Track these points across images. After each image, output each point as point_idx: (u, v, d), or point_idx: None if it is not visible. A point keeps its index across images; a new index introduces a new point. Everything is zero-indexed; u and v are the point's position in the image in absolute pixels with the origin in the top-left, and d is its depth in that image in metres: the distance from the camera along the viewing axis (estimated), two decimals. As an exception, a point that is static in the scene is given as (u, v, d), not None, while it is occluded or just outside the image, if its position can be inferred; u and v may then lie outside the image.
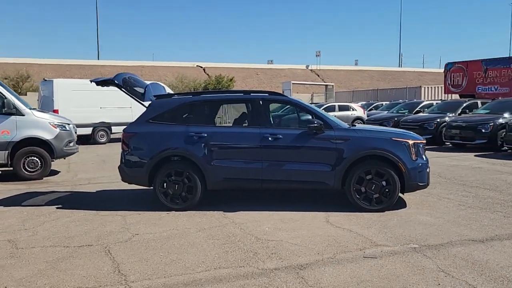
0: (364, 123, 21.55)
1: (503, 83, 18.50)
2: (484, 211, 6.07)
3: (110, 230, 5.49)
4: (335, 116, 22.23)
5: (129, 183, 6.90)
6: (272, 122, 6.56)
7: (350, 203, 6.24)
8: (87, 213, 6.38)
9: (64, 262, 4.40)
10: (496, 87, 18.78)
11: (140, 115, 6.72)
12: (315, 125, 6.14)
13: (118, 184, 8.49)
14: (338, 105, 24.05)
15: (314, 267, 4.12)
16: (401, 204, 6.44)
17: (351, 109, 23.98)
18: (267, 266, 4.16)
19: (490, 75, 18.98)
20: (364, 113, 23.86)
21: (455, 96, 21.54)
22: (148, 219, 5.96)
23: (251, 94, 6.70)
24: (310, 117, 6.43)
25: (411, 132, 6.81)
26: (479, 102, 16.40)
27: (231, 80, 40.93)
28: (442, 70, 22.77)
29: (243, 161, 6.33)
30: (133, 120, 6.80)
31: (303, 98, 37.55)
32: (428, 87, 31.93)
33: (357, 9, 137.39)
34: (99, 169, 11.03)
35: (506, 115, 13.52)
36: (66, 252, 4.70)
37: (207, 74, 53.96)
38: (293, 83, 37.62)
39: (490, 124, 13.07)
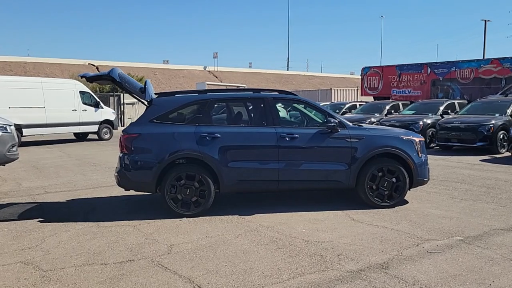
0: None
1: (415, 86, 20.37)
2: (478, 202, 6.58)
3: (136, 242, 4.90)
4: None
5: (129, 190, 6.24)
6: (286, 122, 6.42)
7: (355, 201, 6.36)
8: (84, 225, 5.63)
9: (123, 281, 3.82)
10: (409, 90, 20.61)
11: (142, 115, 6.11)
12: (333, 124, 6.15)
13: (83, 192, 7.80)
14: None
15: (395, 265, 4.10)
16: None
17: None
18: (350, 268, 4.04)
19: (404, 79, 20.78)
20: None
21: (371, 98, 23.16)
22: (166, 228, 5.43)
23: (261, 92, 6.49)
24: (323, 116, 6.41)
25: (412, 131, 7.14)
26: (400, 103, 17.84)
27: (140, 80, 39.09)
28: (325, 74, 24.22)
29: (259, 162, 6.09)
30: (134, 121, 6.17)
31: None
32: (338, 90, 33.88)
33: (249, 12, 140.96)
34: (41, 176, 9.79)
35: (431, 115, 14.89)
36: (111, 270, 4.08)
37: (101, 73, 50.74)
38: (207, 84, 37.24)
39: (420, 123, 14.27)
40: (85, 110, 18.69)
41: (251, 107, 6.41)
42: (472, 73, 17.77)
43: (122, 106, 32.90)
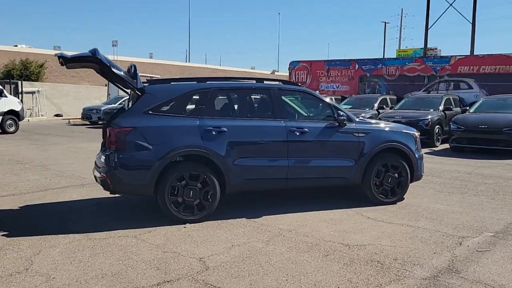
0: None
1: (343, 82, 20.98)
2: (467, 195, 6.69)
3: (155, 257, 4.09)
4: None
5: (121, 193, 5.29)
6: (293, 115, 5.91)
7: (352, 197, 6.15)
8: (71, 238, 4.63)
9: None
10: (337, 85, 21.17)
11: (134, 105, 5.20)
12: (342, 118, 5.80)
13: (33, 196, 6.66)
14: None
15: (462, 267, 3.86)
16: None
17: None
18: (422, 275, 3.70)
19: (332, 74, 21.30)
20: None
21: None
22: (176, 237, 4.66)
23: (265, 82, 5.91)
24: (329, 109, 6.03)
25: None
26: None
27: (41, 66, 35.25)
28: (227, 68, 24.00)
29: (267, 158, 5.54)
30: (124, 112, 5.22)
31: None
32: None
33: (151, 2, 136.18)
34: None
35: (367, 109, 15.36)
36: (155, 297, 3.30)
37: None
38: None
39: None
40: (-16, 99, 16.29)
41: (257, 98, 5.82)
42: (398, 71, 18.75)
43: (20, 95, 29.28)
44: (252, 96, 5.85)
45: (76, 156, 10.97)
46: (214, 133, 5.24)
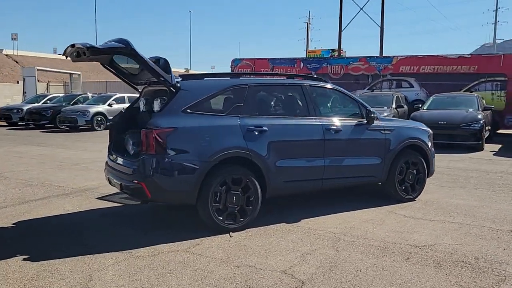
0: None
1: (288, 80, 21.13)
2: (468, 189, 6.94)
3: (234, 273, 3.61)
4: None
5: (159, 202, 4.68)
6: (326, 112, 5.65)
7: (369, 196, 6.11)
8: (114, 258, 3.97)
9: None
10: (282, 83, 21.27)
11: (171, 103, 4.60)
12: (373, 115, 5.69)
13: (17, 209, 5.80)
14: (128, 97, 22.12)
15: (545, 262, 3.91)
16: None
17: None
18: (518, 272, 3.69)
19: (277, 72, 21.34)
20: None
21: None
22: (233, 249, 4.20)
23: (295, 78, 5.59)
24: (356, 105, 5.87)
25: None
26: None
27: None
28: None
29: (305, 159, 5.24)
30: (159, 111, 4.59)
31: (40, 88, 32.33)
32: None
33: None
34: None
35: None
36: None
37: None
38: (38, 69, 32.02)
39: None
40: None
41: (291, 95, 5.47)
42: (342, 69, 19.27)
43: None
44: (287, 93, 5.50)
45: (24, 162, 9.67)
46: (256, 133, 4.83)
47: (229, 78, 5.22)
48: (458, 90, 16.04)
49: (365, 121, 5.72)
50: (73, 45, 4.54)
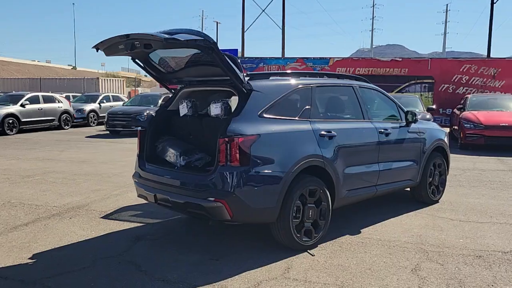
0: (71, 116, 19.41)
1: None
2: (476, 188, 7.19)
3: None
4: (41, 109, 18.73)
5: (240, 223, 3.99)
6: (374, 115, 5.32)
7: (395, 200, 6.03)
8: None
9: None
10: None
11: (247, 107, 3.93)
12: (416, 117, 5.55)
13: (5, 238, 4.71)
14: (42, 96, 19.83)
15: None
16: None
17: (57, 101, 20.34)
18: None
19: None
20: (70, 105, 20.72)
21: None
22: (336, 272, 3.72)
23: (345, 79, 5.21)
24: (395, 107, 5.66)
25: None
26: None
27: None
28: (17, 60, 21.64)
29: (365, 165, 4.91)
30: (235, 116, 3.88)
31: None
32: (105, 79, 30.75)
33: None
34: None
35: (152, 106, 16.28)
36: None
37: None
38: None
39: None
40: None
41: (347, 96, 5.07)
42: (279, 70, 19.27)
43: None
44: (343, 95, 5.10)
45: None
46: (327, 138, 4.37)
47: (289, 77, 4.66)
48: (391, 91, 16.95)
49: (404, 123, 5.57)
50: (127, 36, 3.69)
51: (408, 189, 6.07)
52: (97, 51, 4.09)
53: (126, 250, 4.23)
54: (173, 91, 5.01)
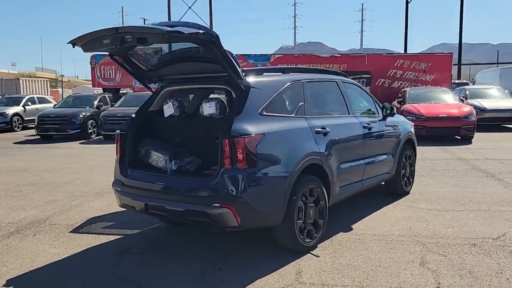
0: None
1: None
2: (436, 177, 7.46)
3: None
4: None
5: (246, 229, 3.70)
6: (355, 109, 5.26)
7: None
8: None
9: None
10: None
11: (247, 104, 3.68)
12: (394, 111, 5.61)
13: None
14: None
15: None
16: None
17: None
18: None
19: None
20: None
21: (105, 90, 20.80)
22: (349, 274, 3.62)
23: (331, 73, 5.12)
24: (372, 102, 5.68)
25: None
26: (106, 96, 17.41)
27: None
28: None
29: (354, 161, 4.86)
30: (237, 115, 3.60)
31: None
32: (26, 80, 28.44)
33: None
34: None
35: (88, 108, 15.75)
36: None
37: None
38: None
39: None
40: None
41: (333, 91, 4.96)
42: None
43: None
44: (330, 90, 4.99)
45: None
46: (322, 135, 4.26)
47: (281, 73, 4.47)
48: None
49: (381, 117, 5.62)
50: (116, 29, 3.31)
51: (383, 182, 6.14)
52: (74, 46, 3.65)
53: (114, 266, 3.83)
54: (153, 90, 4.62)
